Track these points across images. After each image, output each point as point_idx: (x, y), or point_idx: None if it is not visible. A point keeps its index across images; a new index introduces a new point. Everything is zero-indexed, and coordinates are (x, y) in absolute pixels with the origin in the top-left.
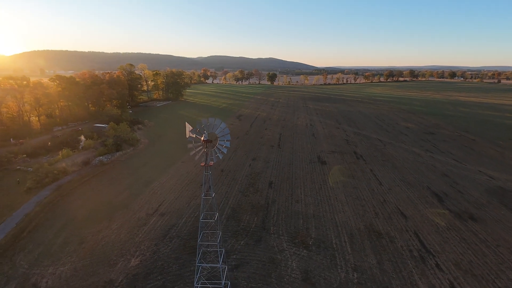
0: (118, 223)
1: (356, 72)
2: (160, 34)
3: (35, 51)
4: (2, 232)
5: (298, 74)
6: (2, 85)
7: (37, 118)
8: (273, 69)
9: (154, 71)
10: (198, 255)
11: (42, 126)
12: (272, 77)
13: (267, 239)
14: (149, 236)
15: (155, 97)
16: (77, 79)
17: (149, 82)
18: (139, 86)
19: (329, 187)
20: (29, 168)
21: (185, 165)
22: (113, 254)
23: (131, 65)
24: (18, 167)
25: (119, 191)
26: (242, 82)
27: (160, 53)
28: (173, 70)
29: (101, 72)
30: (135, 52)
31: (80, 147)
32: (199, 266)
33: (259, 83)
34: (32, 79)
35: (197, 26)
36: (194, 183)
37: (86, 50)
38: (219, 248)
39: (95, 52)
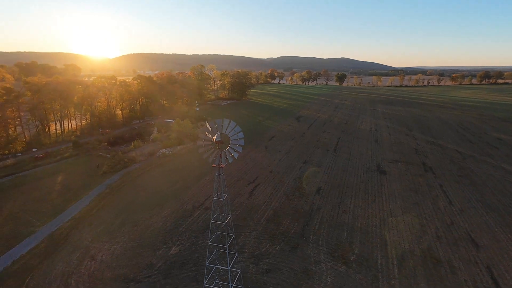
0: (167, 212)
1: (442, 73)
2: (234, 37)
3: (131, 54)
4: (78, 208)
5: (372, 74)
6: (96, 83)
7: (120, 112)
8: (344, 70)
9: (222, 71)
10: (209, 255)
11: (124, 119)
12: (341, 78)
13: (304, 247)
14: (191, 227)
15: (221, 96)
16: (154, 79)
17: (217, 82)
18: (208, 85)
19: (385, 199)
20: (108, 155)
21: (236, 162)
22: (157, 240)
23: (202, 65)
24: (100, 153)
25: (173, 182)
26: (308, 82)
27: (233, 55)
28: (239, 70)
29: (176, 72)
30: (211, 54)
31: (150, 139)
32: (208, 266)
33: (326, 84)
34: (119, 78)
35: (269, 27)
36: (242, 181)
37: (170, 53)
38: (230, 251)
39: (178, 54)
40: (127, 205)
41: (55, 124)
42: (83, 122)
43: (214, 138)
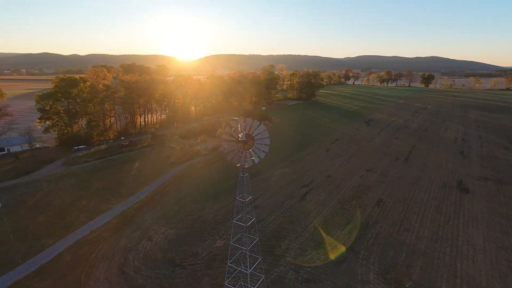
0: (219, 205)
1: None
2: (309, 37)
3: (212, 55)
4: (146, 192)
5: (468, 75)
6: (174, 82)
7: (194, 109)
8: (434, 70)
9: (292, 71)
10: (231, 256)
11: (197, 115)
12: (427, 79)
13: (352, 262)
14: (238, 224)
15: (289, 96)
16: (225, 78)
17: (285, 82)
18: (277, 85)
19: (463, 223)
20: (177, 147)
21: (292, 164)
22: (206, 231)
23: (272, 66)
24: (171, 145)
25: (229, 177)
26: (387, 84)
27: (308, 55)
28: (309, 70)
29: (247, 72)
30: (286, 54)
31: (217, 134)
32: (230, 266)
33: (408, 86)
34: (195, 78)
35: (346, 24)
36: (295, 183)
37: (247, 54)
38: (253, 254)
39: (254, 55)
40: (186, 195)
41: (140, 117)
42: (163, 116)
43: (239, 137)
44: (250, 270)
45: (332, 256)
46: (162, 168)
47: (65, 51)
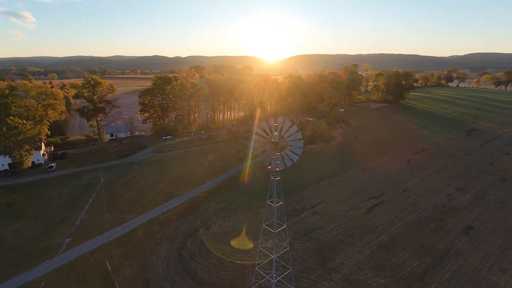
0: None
1: None
2: (404, 33)
3: (298, 55)
4: (213, 184)
5: None
6: (253, 81)
7: (269, 108)
8: None
9: (379, 71)
10: (259, 259)
11: (272, 114)
12: None
13: None
14: (293, 228)
15: (373, 98)
16: (303, 78)
17: (370, 83)
18: (360, 86)
19: None
20: (248, 144)
21: (364, 172)
22: (258, 230)
23: (355, 65)
24: (243, 142)
25: (293, 179)
26: (506, 87)
27: (403, 53)
28: (400, 70)
29: (328, 72)
30: (377, 53)
31: None
32: (257, 271)
33: None
34: (272, 77)
35: (450, 16)
36: (363, 193)
37: (334, 54)
38: (282, 263)
39: (341, 55)
40: (247, 191)
41: (219, 114)
42: (240, 114)
43: (271, 138)
44: (276, 280)
45: (393, 282)
46: (231, 162)
47: (170, 54)
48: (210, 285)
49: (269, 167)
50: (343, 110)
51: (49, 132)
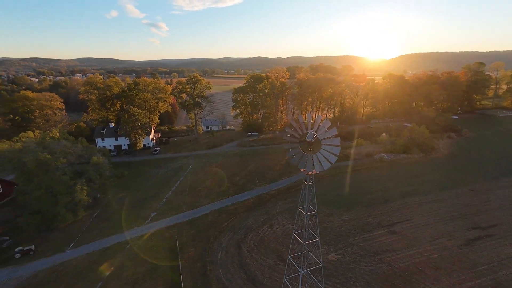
0: (349, 217)
1: None
2: None
3: (408, 54)
4: (285, 183)
5: None
6: (346, 81)
7: (362, 110)
8: None
9: None
10: (287, 269)
11: (364, 117)
12: None
13: None
14: (363, 245)
15: (505, 104)
16: (406, 78)
17: (501, 86)
18: (485, 89)
19: None
20: None
21: (472, 194)
22: (323, 238)
23: (481, 63)
24: None
25: (373, 190)
26: None
27: None
28: None
29: (441, 72)
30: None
31: (378, 140)
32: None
33: None
34: (368, 77)
35: None
36: (464, 220)
37: (457, 51)
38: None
39: (467, 52)
40: (318, 195)
41: (306, 114)
42: (329, 115)
43: (305, 137)
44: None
45: None
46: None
47: (272, 55)
48: (260, 284)
49: (302, 170)
50: (456, 117)
51: (158, 121)
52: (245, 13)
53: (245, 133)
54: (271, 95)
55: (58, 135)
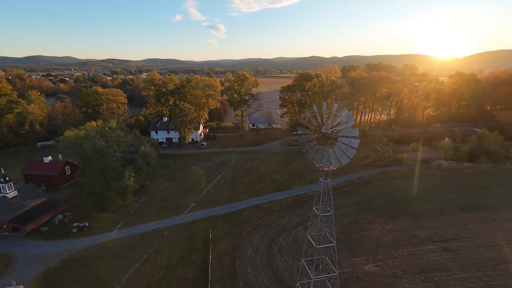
0: (394, 227)
1: None
2: None
3: (486, 52)
4: (338, 181)
5: None
6: (405, 80)
7: (422, 112)
8: None
9: None
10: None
11: (424, 119)
12: None
13: None
14: (406, 259)
15: None
16: (478, 78)
17: None
18: None
19: None
20: (381, 150)
21: None
22: (362, 248)
23: None
24: (375, 146)
25: (423, 200)
26: None
27: None
28: None
29: None
30: None
31: (438, 146)
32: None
33: None
34: (430, 76)
35: None
36: None
37: None
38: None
39: None
40: (360, 201)
41: (357, 114)
42: (383, 116)
43: (323, 129)
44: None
45: None
46: (353, 166)
47: (327, 54)
48: (287, 286)
49: (318, 166)
50: None
51: (207, 117)
52: (301, 12)
53: (290, 132)
54: (320, 94)
55: (115, 125)
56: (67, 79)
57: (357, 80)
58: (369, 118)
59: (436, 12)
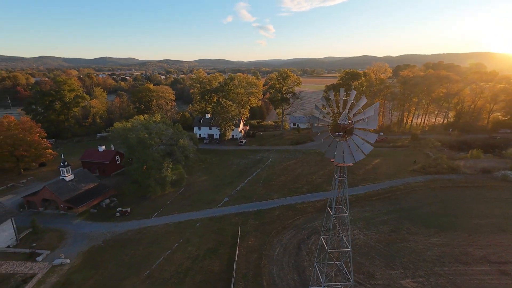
0: (440, 241)
1: None
2: None
3: None
4: (367, 189)
5: None
6: (467, 79)
7: (487, 115)
8: None
9: None
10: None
11: (489, 124)
12: None
13: None
14: (458, 280)
15: None
16: None
17: None
18: None
19: None
20: (433, 155)
21: None
22: (401, 260)
23: None
24: (427, 152)
25: (479, 214)
26: None
27: None
28: None
29: None
30: None
31: (504, 153)
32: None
33: None
34: (502, 74)
35: None
36: None
37: None
38: None
39: None
40: (403, 209)
41: (408, 116)
42: (438, 119)
43: (338, 120)
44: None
45: None
46: (400, 172)
47: (380, 53)
48: None
49: (333, 160)
50: None
51: (248, 115)
52: (353, 10)
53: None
54: (366, 93)
55: (159, 119)
56: (127, 78)
57: (410, 79)
58: (422, 121)
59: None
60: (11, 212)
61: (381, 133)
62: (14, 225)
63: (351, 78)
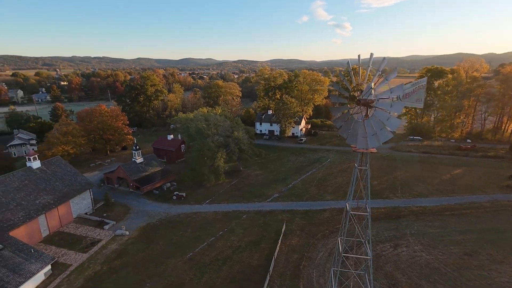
0: (504, 279)
1: None
2: None
3: None
4: (438, 202)
5: None
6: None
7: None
8: None
9: None
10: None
11: None
12: None
13: None
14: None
15: None
16: None
17: None
18: None
19: None
20: None
21: None
22: (451, 283)
23: None
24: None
25: None
26: None
27: None
28: None
29: None
30: None
31: None
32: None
33: None
34: None
35: None
36: None
37: None
38: None
39: None
40: (488, 233)
41: (506, 122)
42: None
43: (358, 96)
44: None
45: None
46: (486, 185)
47: (480, 50)
48: None
49: (354, 147)
50: None
51: (311, 113)
52: (445, 2)
53: (406, 136)
54: (453, 93)
55: (219, 112)
56: (204, 76)
57: None
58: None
59: None
60: (90, 184)
61: (468, 140)
62: (92, 196)
63: (434, 77)
